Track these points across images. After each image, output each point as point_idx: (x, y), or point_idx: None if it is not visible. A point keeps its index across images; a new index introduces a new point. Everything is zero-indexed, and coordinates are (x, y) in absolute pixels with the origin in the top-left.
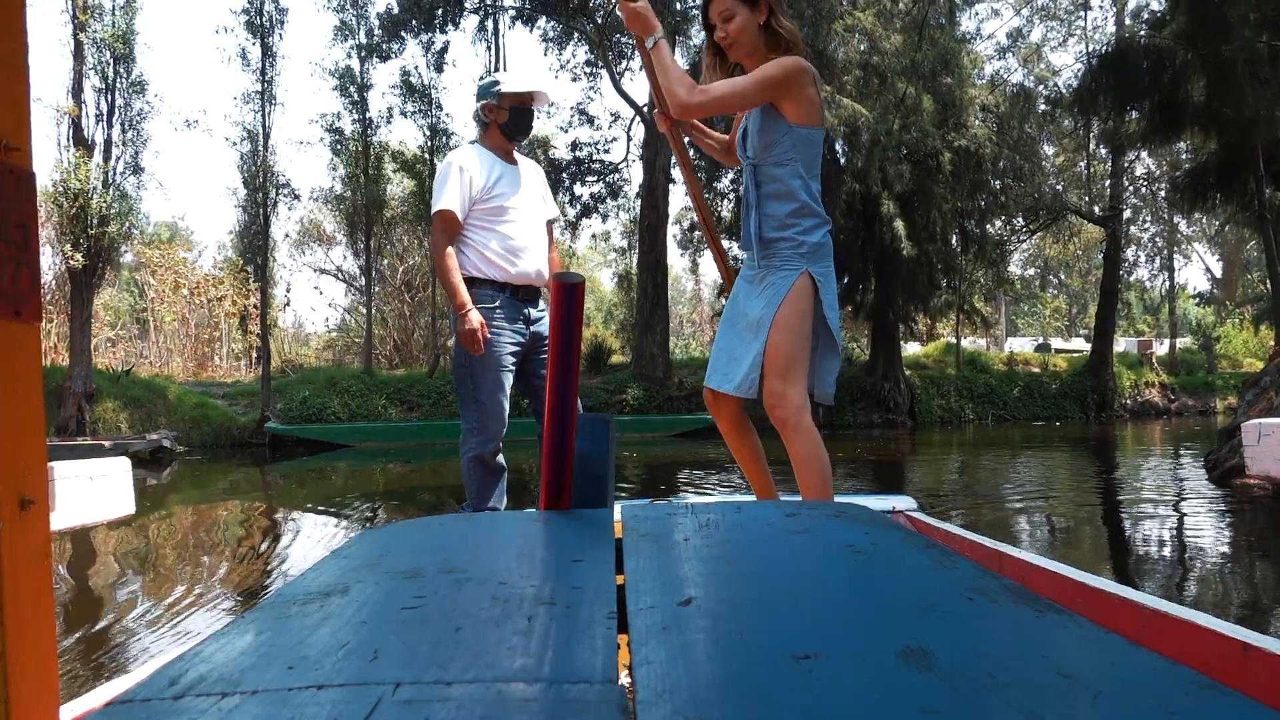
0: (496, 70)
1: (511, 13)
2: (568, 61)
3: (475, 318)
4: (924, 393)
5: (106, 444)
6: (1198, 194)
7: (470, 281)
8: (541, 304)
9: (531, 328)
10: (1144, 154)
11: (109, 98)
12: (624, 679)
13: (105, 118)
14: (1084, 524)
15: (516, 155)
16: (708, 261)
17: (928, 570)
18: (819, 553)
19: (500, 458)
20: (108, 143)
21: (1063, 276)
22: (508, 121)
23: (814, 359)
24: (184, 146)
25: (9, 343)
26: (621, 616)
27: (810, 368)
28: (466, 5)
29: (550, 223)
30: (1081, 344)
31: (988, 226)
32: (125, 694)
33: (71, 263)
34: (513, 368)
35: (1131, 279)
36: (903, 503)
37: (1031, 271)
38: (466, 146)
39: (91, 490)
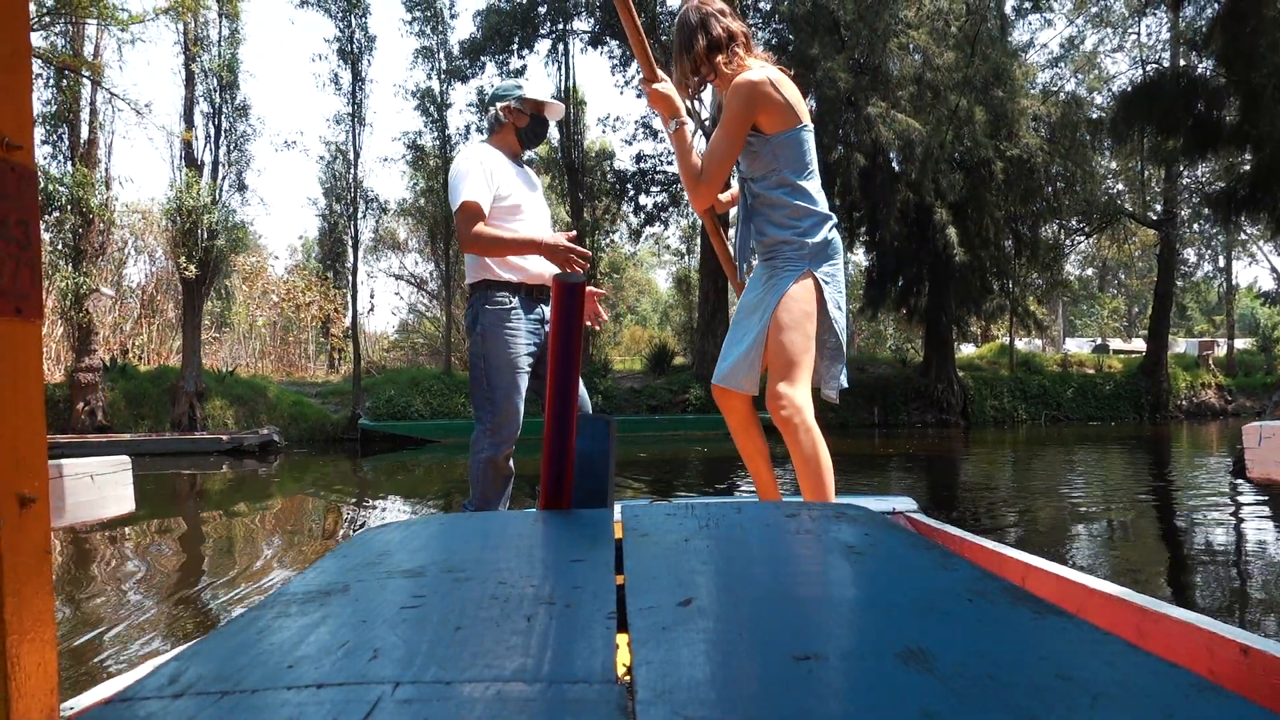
0: (569, 89)
1: (584, 36)
2: (632, 79)
3: (557, 238)
4: (977, 393)
5: (224, 438)
6: (1232, 210)
7: (484, 284)
8: None
9: (547, 326)
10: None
11: (216, 121)
12: (623, 679)
13: (213, 140)
14: (1094, 510)
15: (523, 161)
16: None
17: (927, 571)
18: (819, 553)
19: (511, 462)
20: (215, 163)
21: (1122, 277)
22: (527, 126)
23: (821, 359)
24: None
25: (10, 341)
26: (621, 616)
27: (817, 367)
28: (541, 31)
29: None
30: (1141, 345)
31: (1041, 231)
32: (125, 692)
33: (186, 273)
34: (528, 369)
35: (1194, 278)
36: (903, 504)
37: (1090, 272)
38: (479, 144)
39: (92, 488)
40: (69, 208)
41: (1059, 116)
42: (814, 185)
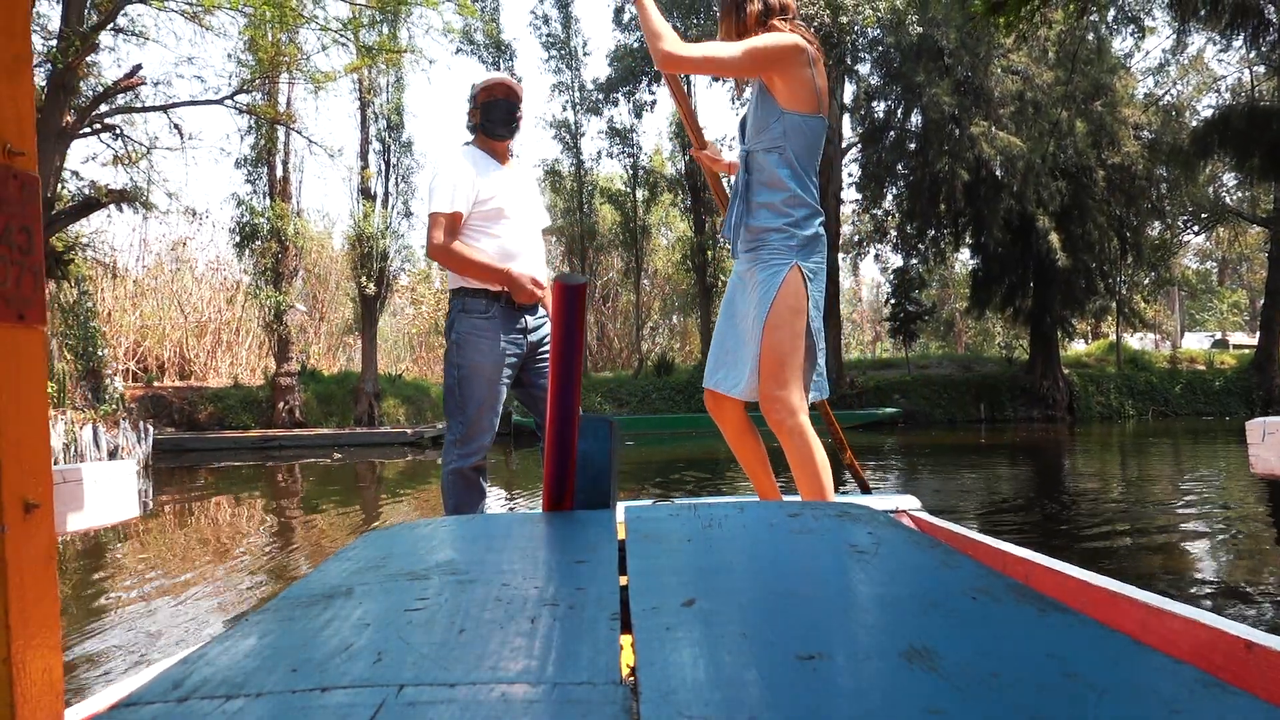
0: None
1: None
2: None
3: (519, 273)
4: (1083, 390)
5: (408, 431)
6: None
7: (463, 291)
8: (540, 311)
9: (530, 336)
10: None
11: (386, 158)
12: (628, 680)
13: (384, 174)
14: (1125, 493)
15: (511, 160)
16: (868, 263)
17: (931, 569)
18: (822, 553)
19: (483, 477)
20: (386, 194)
21: (1243, 270)
22: (480, 120)
23: (805, 360)
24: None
25: (13, 347)
26: (625, 617)
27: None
28: None
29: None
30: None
31: (1147, 231)
32: (130, 697)
33: (366, 291)
34: (507, 379)
35: None
36: (906, 502)
37: (1210, 264)
38: (459, 148)
39: (96, 493)
40: (270, 237)
41: (1160, 124)
42: (814, 180)
